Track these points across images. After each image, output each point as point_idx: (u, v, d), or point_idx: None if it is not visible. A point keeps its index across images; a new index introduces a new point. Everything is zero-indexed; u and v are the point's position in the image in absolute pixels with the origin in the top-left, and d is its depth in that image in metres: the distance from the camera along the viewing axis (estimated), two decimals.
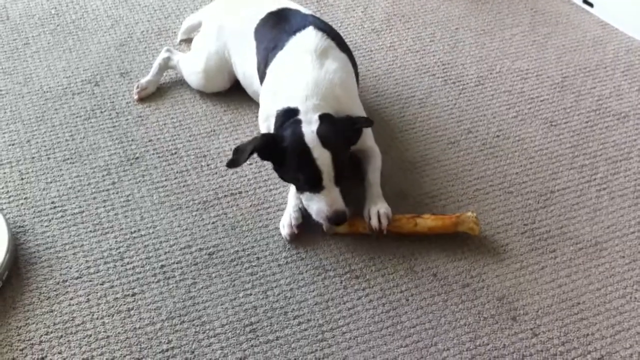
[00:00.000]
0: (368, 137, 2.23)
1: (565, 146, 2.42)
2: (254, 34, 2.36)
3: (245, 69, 2.41)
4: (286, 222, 2.07)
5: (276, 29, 2.30)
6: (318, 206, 1.98)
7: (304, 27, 2.24)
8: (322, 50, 2.17)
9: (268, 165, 2.29)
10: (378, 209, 2.05)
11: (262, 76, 2.28)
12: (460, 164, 2.35)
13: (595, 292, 1.97)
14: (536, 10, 3.09)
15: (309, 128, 1.98)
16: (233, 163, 2.00)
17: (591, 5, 3.09)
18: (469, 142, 2.43)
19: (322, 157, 1.96)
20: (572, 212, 2.20)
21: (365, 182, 2.16)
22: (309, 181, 1.98)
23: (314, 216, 2.02)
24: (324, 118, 2.01)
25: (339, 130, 2.02)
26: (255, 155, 2.01)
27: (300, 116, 2.02)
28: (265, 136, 2.03)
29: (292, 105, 2.05)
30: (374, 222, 2.04)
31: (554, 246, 2.09)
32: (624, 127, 2.51)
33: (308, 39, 2.21)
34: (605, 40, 2.93)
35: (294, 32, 2.23)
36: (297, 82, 2.09)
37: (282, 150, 1.98)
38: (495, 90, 2.65)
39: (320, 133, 1.97)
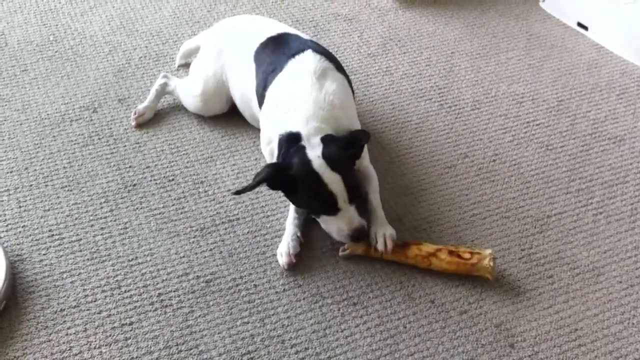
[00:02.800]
0: (364, 157, 2.24)
1: (562, 170, 2.43)
2: (253, 58, 2.38)
3: (243, 92, 2.43)
4: (284, 251, 2.08)
5: (275, 52, 2.32)
6: (338, 227, 2.02)
7: (302, 50, 2.27)
8: (321, 71, 2.19)
9: (265, 191, 2.30)
10: (384, 232, 2.06)
11: (260, 99, 2.29)
12: (457, 189, 2.35)
13: (593, 317, 1.98)
14: (531, 34, 3.11)
15: (314, 153, 2.00)
16: (240, 192, 2.04)
17: (586, 28, 3.11)
18: (465, 167, 2.44)
19: (333, 180, 1.98)
20: (569, 236, 2.20)
21: (367, 204, 2.16)
22: (325, 207, 2.01)
23: (334, 237, 2.06)
24: (326, 140, 2.03)
25: (343, 149, 2.04)
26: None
27: (304, 142, 2.03)
28: (273, 167, 2.03)
29: (294, 129, 2.06)
30: (380, 245, 2.04)
31: (551, 271, 2.09)
32: (620, 150, 2.52)
33: (307, 61, 2.23)
34: (600, 63, 2.95)
35: (293, 55, 2.25)
36: (297, 105, 2.12)
37: (292, 179, 2.00)
38: (491, 114, 2.67)
39: (326, 157, 1.99)
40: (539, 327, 1.94)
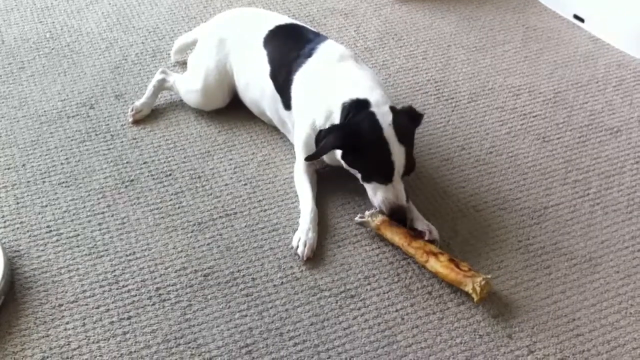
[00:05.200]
0: None
1: (558, 162, 2.44)
2: (262, 44, 2.39)
3: (250, 78, 2.44)
4: (303, 241, 2.08)
5: (292, 39, 2.36)
6: (385, 196, 2.06)
7: (323, 39, 2.34)
8: (354, 56, 2.28)
9: (263, 185, 2.31)
10: (432, 226, 2.10)
11: (282, 84, 2.30)
12: (454, 181, 2.36)
13: (590, 307, 1.98)
14: (528, 27, 3.11)
15: (385, 121, 2.02)
16: (311, 158, 2.09)
17: (582, 20, 3.12)
18: (462, 159, 2.44)
19: (398, 152, 2.02)
20: (566, 227, 2.20)
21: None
22: (381, 174, 2.04)
23: (375, 204, 2.10)
24: (394, 110, 2.07)
25: (409, 122, 2.10)
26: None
27: (373, 108, 2.05)
28: (343, 129, 2.04)
29: (361, 96, 2.08)
30: (435, 235, 2.07)
31: (549, 262, 2.10)
32: (617, 141, 2.52)
33: (337, 47, 2.30)
34: (596, 55, 2.95)
35: (317, 42, 2.30)
36: (355, 77, 2.17)
37: (358, 140, 2.02)
38: (488, 106, 2.67)
39: (396, 126, 2.02)
40: (537, 318, 1.95)
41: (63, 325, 1.91)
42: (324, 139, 2.04)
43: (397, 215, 2.08)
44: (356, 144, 2.03)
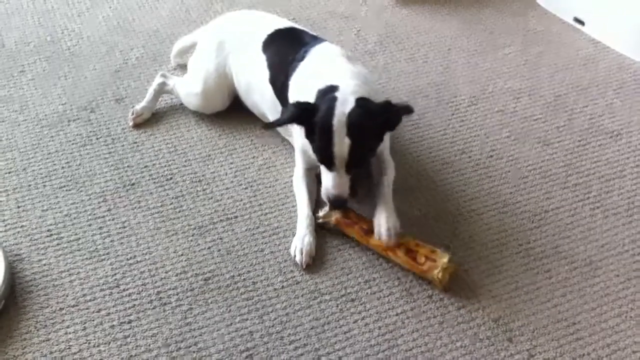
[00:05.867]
0: (385, 147, 2.25)
1: (559, 165, 2.44)
2: (262, 48, 2.40)
3: (250, 81, 2.44)
4: (300, 249, 2.09)
5: (290, 43, 2.36)
6: (325, 184, 2.06)
7: (319, 42, 2.33)
8: (347, 56, 2.26)
9: (263, 189, 2.31)
10: (388, 222, 2.06)
11: (280, 88, 2.30)
12: (455, 185, 2.36)
13: (590, 311, 1.98)
14: (528, 30, 3.11)
15: (342, 109, 1.98)
16: (268, 126, 2.20)
17: (582, 23, 3.12)
18: (462, 163, 2.44)
19: (341, 143, 1.98)
20: (566, 231, 2.20)
21: (377, 192, 2.17)
22: (323, 159, 2.03)
23: (321, 192, 2.09)
24: (360, 102, 2.00)
25: (374, 115, 2.01)
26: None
27: (338, 93, 2.02)
28: (300, 106, 2.03)
29: (334, 83, 2.06)
30: (384, 236, 2.04)
31: (549, 266, 2.10)
32: (617, 145, 2.53)
33: (330, 48, 2.30)
34: (597, 58, 2.95)
35: (313, 45, 2.29)
36: (339, 69, 2.15)
37: (311, 120, 2.02)
38: (488, 110, 2.67)
39: (350, 117, 1.97)
40: (537, 321, 1.95)
41: (64, 329, 1.91)
42: (285, 111, 2.06)
43: (335, 204, 2.07)
44: (310, 124, 2.02)
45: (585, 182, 2.37)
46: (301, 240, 2.10)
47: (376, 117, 2.01)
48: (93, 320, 1.93)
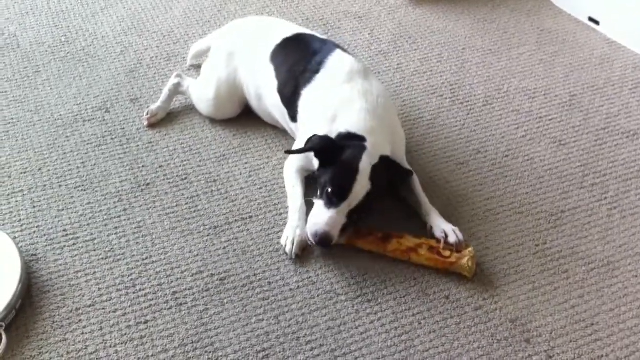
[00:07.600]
0: (402, 158, 2.26)
1: (575, 165, 2.42)
2: (270, 59, 2.40)
3: (260, 92, 2.45)
4: (291, 240, 2.09)
5: (299, 52, 2.36)
6: (316, 219, 2.02)
7: (330, 50, 2.33)
8: (363, 72, 2.27)
9: (278, 188, 2.31)
10: (452, 228, 2.10)
11: (289, 98, 2.32)
12: (470, 185, 2.35)
13: (608, 312, 1.97)
14: (542, 29, 3.10)
15: (369, 160, 2.04)
16: (291, 152, 2.19)
17: (597, 23, 3.10)
18: (478, 163, 2.43)
19: (362, 185, 2.01)
20: (584, 231, 2.19)
21: (413, 198, 2.22)
22: (335, 193, 2.00)
23: (308, 227, 2.05)
24: (383, 160, 2.08)
25: (390, 176, 2.11)
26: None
27: (368, 146, 2.07)
28: (327, 140, 2.08)
29: (360, 133, 2.10)
30: (453, 237, 2.07)
31: (566, 266, 2.08)
32: (634, 144, 2.51)
33: (344, 60, 2.29)
34: (612, 57, 2.94)
35: (325, 55, 2.30)
36: (358, 110, 2.16)
37: (337, 156, 2.04)
38: (503, 110, 2.66)
39: (375, 169, 2.04)
40: (555, 322, 1.94)
41: (80, 329, 1.91)
42: (310, 141, 2.09)
43: (320, 243, 2.01)
44: (333, 159, 2.05)
45: (602, 182, 2.36)
46: (293, 231, 2.10)
47: (390, 178, 2.12)
48: (109, 321, 1.93)
